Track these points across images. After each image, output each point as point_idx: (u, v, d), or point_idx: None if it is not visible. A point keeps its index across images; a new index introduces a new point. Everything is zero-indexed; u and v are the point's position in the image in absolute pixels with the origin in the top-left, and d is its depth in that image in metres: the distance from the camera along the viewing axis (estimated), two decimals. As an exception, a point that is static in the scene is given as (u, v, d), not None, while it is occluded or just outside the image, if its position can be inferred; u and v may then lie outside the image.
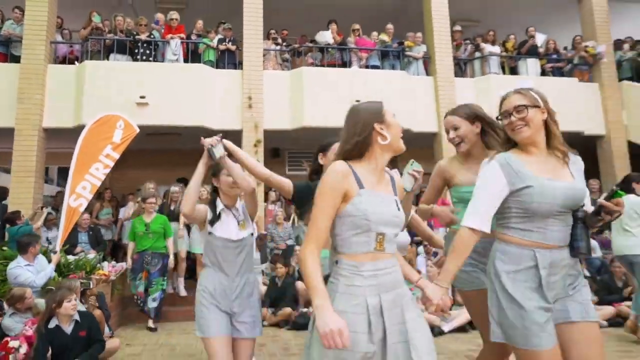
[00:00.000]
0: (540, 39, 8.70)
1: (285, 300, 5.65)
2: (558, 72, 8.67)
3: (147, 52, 7.39)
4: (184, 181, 7.64)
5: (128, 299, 5.92)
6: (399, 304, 1.52)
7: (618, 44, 9.18)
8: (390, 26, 8.33)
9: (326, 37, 7.92)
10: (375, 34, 8.18)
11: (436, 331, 4.95)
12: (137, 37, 7.39)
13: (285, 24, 8.76)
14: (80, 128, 6.81)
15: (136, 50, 7.39)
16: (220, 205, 2.39)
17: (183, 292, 6.14)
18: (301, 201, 2.20)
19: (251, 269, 2.41)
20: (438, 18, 8.45)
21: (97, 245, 6.45)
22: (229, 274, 2.29)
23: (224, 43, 7.65)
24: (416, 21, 8.79)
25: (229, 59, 7.68)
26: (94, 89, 7.00)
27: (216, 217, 2.35)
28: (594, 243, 6.35)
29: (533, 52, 8.57)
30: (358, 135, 1.57)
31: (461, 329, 4.96)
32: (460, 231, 1.72)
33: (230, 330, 2.23)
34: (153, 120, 6.97)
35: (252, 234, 2.47)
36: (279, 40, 8.15)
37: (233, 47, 7.67)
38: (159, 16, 7.79)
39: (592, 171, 8.38)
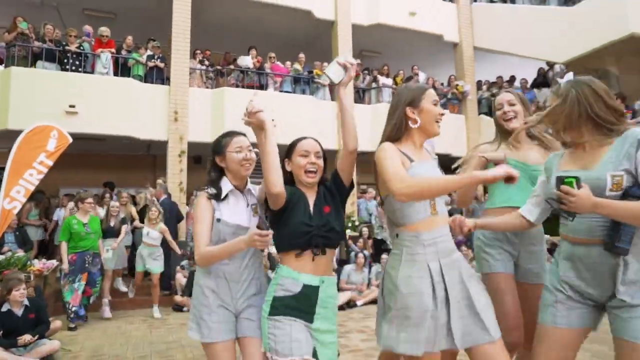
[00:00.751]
0: (422, 76, 10.72)
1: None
2: (435, 104, 10.73)
3: (77, 62, 7.87)
4: (111, 185, 8.30)
5: (58, 292, 6.51)
6: (456, 266, 1.70)
7: (479, 84, 11.58)
8: (302, 55, 9.72)
9: (246, 61, 9.06)
10: (288, 63, 9.50)
11: (351, 304, 6.48)
12: (66, 47, 7.83)
13: (210, 44, 9.72)
14: (4, 132, 7.19)
15: (65, 60, 7.83)
16: (228, 186, 1.97)
17: (124, 289, 6.72)
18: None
19: (260, 261, 2.04)
20: (343, 51, 10.01)
21: (23, 245, 6.84)
22: (237, 267, 1.91)
23: (152, 60, 8.40)
24: (325, 50, 10.30)
25: (157, 75, 8.45)
26: (20, 94, 7.29)
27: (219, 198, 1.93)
28: None
29: (416, 87, 10.53)
30: (394, 118, 1.79)
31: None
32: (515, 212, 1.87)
33: (235, 332, 1.91)
34: (82, 128, 7.51)
35: None
36: (204, 61, 9.08)
37: (162, 65, 8.46)
38: (89, 28, 8.26)
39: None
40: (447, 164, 9.38)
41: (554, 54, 9.81)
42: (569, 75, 9.45)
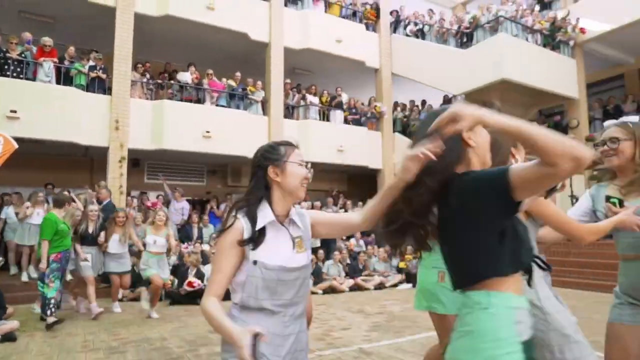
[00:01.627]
0: (344, 97, 12.17)
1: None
2: (356, 122, 12.22)
3: (19, 69, 8.30)
4: (51, 186, 8.79)
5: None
6: None
7: (395, 106, 13.28)
8: (238, 74, 10.74)
9: (186, 77, 9.92)
10: (224, 80, 10.48)
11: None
12: (7, 54, 8.22)
13: (152, 54, 10.43)
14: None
15: (6, 67, 8.22)
16: (268, 216, 1.49)
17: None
18: None
19: (304, 308, 1.59)
20: (275, 72, 11.17)
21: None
22: (282, 319, 1.49)
23: (94, 71, 9.00)
24: (260, 68, 11.39)
25: (99, 85, 9.06)
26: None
27: (255, 235, 1.46)
28: None
29: (339, 106, 11.96)
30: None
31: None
32: None
33: None
34: (24, 133, 7.90)
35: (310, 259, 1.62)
36: (145, 73, 9.80)
37: (104, 76, 9.08)
38: (28, 35, 8.65)
39: (373, 194, 12.23)
40: (367, 174, 11.40)
41: (452, 86, 11.67)
42: (461, 101, 11.40)
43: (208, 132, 9.66)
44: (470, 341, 1.13)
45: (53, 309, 5.27)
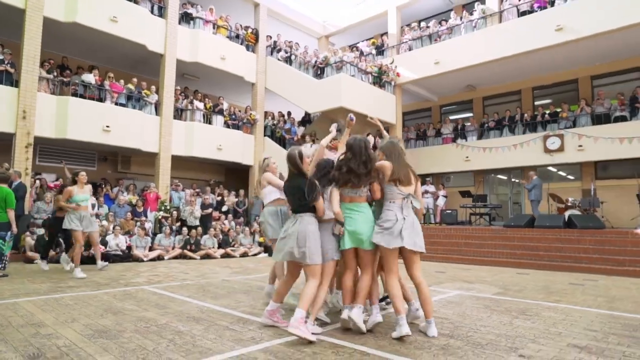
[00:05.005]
0: (225, 104, 14.92)
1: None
2: (234, 126, 15.05)
3: None
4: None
5: None
6: None
7: (266, 115, 16.46)
8: (135, 79, 12.73)
9: (90, 78, 11.62)
10: (122, 81, 12.42)
11: (161, 258, 10.04)
12: None
13: (59, 49, 11.79)
14: None
15: None
16: None
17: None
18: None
19: None
20: (168, 79, 13.37)
21: None
22: None
23: (3, 64, 10.25)
24: (155, 74, 13.47)
25: (7, 77, 10.33)
26: None
27: None
28: None
29: (221, 112, 14.67)
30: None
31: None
32: None
33: None
34: None
35: None
36: (52, 71, 11.24)
37: (12, 70, 10.37)
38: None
39: (245, 186, 15.26)
40: (242, 169, 15.54)
41: (310, 105, 15.26)
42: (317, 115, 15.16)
43: (108, 126, 11.57)
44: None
45: (6, 265, 7.08)
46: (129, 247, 10.19)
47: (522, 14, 13.84)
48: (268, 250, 12.29)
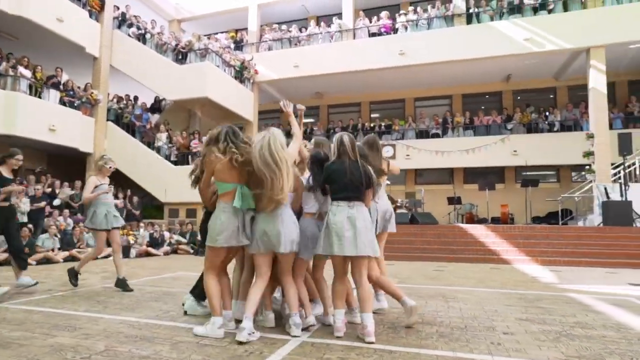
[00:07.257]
0: (64, 77, 12.38)
1: None
2: (71, 105, 12.57)
3: None
4: None
5: None
6: None
7: (110, 96, 14.32)
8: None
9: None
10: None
11: None
12: None
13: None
14: None
15: None
16: None
17: None
18: None
19: None
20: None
21: None
22: None
23: None
24: None
25: None
26: None
27: None
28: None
29: (56, 86, 12.09)
30: None
31: None
32: None
33: None
34: None
35: None
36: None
37: None
38: None
39: (82, 174, 12.95)
40: (77, 156, 13.39)
41: (166, 91, 14.01)
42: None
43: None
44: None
45: None
46: None
47: (372, 35, 15.73)
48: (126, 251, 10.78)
